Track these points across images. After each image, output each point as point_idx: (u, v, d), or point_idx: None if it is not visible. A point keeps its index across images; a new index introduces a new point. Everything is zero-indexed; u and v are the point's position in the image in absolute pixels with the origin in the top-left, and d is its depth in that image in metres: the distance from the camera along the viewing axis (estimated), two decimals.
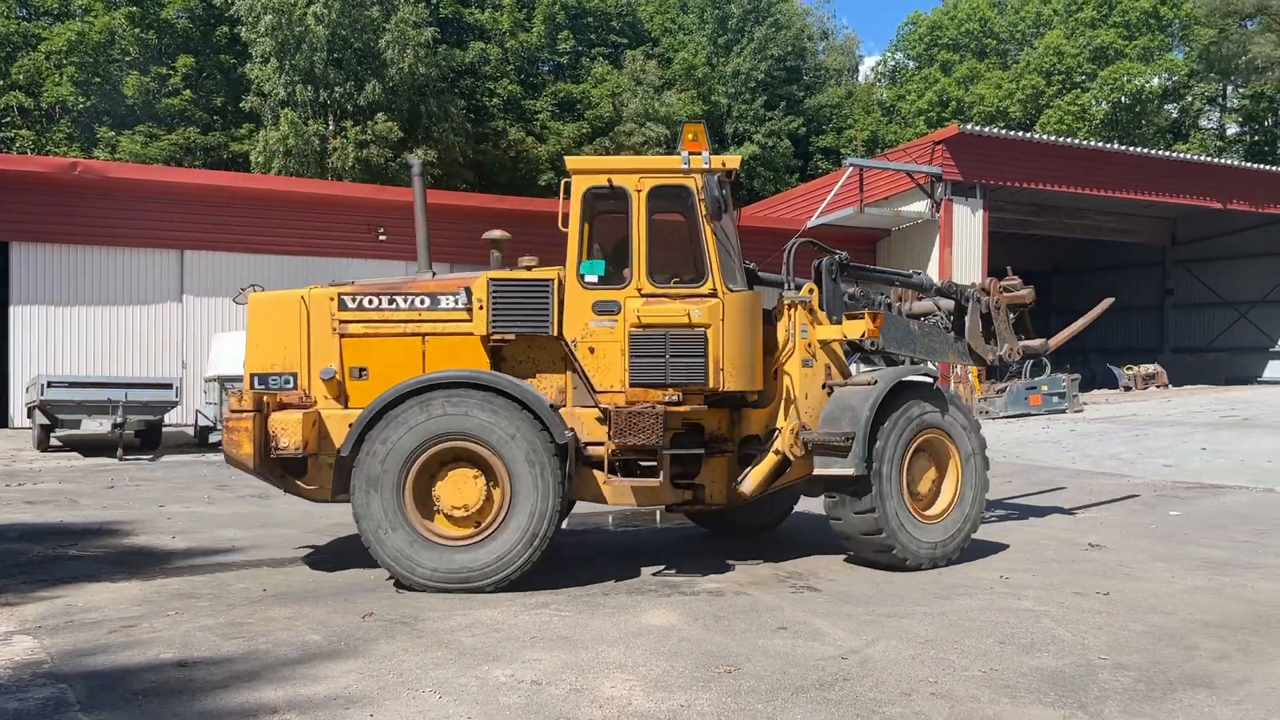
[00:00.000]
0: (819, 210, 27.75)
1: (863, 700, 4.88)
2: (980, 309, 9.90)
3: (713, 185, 7.38)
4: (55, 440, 17.89)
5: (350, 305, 7.56)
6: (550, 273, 7.60)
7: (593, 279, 7.51)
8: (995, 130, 30.28)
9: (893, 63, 59.25)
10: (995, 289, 10.07)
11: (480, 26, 43.47)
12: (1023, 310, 10.26)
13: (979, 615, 6.47)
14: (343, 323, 7.55)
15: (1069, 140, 31.16)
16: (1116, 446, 17.07)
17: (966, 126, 27.94)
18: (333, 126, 34.98)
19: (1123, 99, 44.35)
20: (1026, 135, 30.46)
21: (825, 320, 8.24)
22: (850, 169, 27.20)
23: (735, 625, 6.21)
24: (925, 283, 9.96)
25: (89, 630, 6.11)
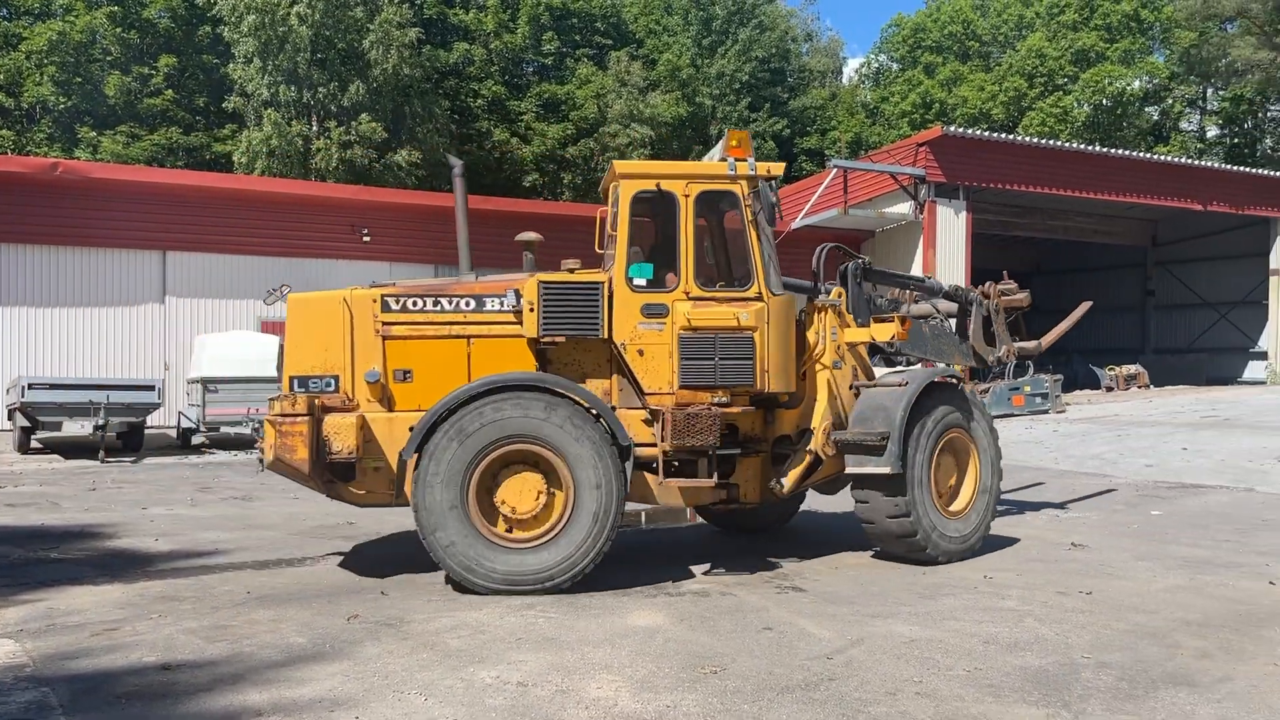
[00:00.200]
0: (803, 212, 27.82)
1: (848, 700, 4.90)
2: (982, 312, 10.28)
3: (767, 191, 7.67)
4: (36, 442, 17.76)
5: (394, 307, 7.47)
6: (600, 275, 7.63)
7: (641, 282, 7.60)
8: (978, 132, 30.47)
9: (876, 65, 59.49)
10: (994, 292, 10.42)
11: (464, 27, 43.40)
12: (1018, 313, 10.64)
13: (963, 615, 6.50)
14: (386, 324, 7.45)
15: (1051, 142, 31.36)
16: (1099, 447, 17.17)
17: (950, 128, 28.07)
18: (316, 127, 34.85)
19: (1104, 101, 44.64)
20: (1009, 137, 30.64)
21: (852, 323, 8.49)
22: (834, 171, 27.29)
23: (721, 626, 6.22)
24: (936, 286, 10.27)
25: (71, 634, 6.06)
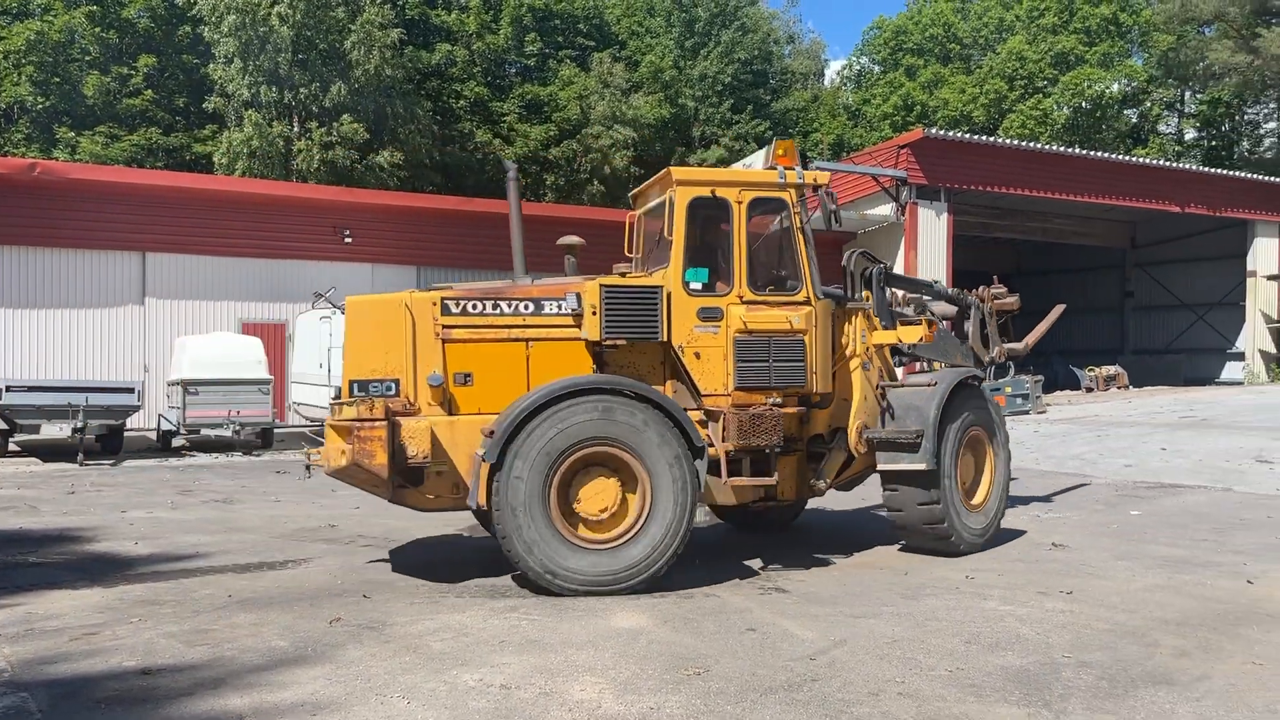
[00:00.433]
0: None
1: (831, 700, 4.92)
2: (979, 315, 10.74)
3: (829, 199, 8.08)
4: (14, 445, 17.59)
5: (454, 310, 7.49)
6: (658, 279, 7.78)
7: (697, 286, 7.78)
8: (959, 134, 30.60)
9: (858, 67, 59.71)
10: (988, 296, 10.93)
11: (447, 28, 43.26)
12: (1008, 316, 11.15)
13: (945, 615, 6.54)
14: (446, 328, 7.46)
15: (1031, 144, 31.57)
16: (1079, 447, 17.29)
17: (931, 130, 28.22)
18: (297, 128, 34.66)
19: (1083, 104, 44.93)
20: (990, 139, 30.83)
21: (879, 326, 8.84)
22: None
23: (704, 627, 6.23)
24: (942, 290, 10.65)
25: (50, 638, 6.02)
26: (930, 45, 52.92)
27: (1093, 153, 31.90)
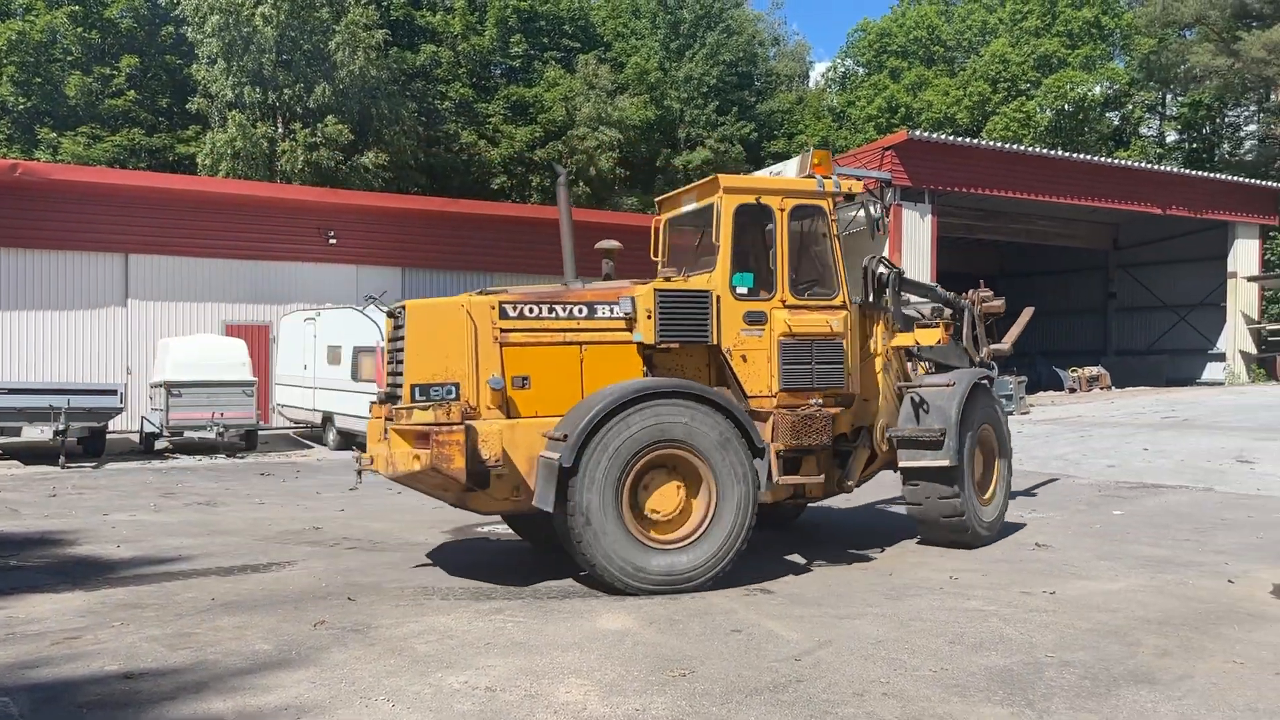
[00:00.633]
0: None
1: (816, 701, 4.93)
2: (969, 317, 10.99)
3: (873, 207, 8.45)
4: None
5: (511, 314, 7.50)
6: (706, 284, 7.93)
7: (743, 290, 7.99)
8: (943, 136, 30.71)
9: (842, 69, 59.82)
10: (976, 299, 11.22)
11: (432, 29, 43.16)
12: (993, 318, 11.44)
13: (929, 615, 6.56)
14: (504, 331, 7.47)
15: (1014, 147, 31.71)
16: (1062, 447, 17.38)
17: (915, 132, 28.32)
18: (282, 129, 34.52)
19: (1066, 106, 45.12)
20: (973, 141, 30.93)
21: (897, 329, 9.14)
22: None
23: (690, 628, 6.23)
24: (942, 294, 10.92)
25: (31, 642, 5.98)
26: (914, 48, 53.10)
27: (1075, 155, 32.05)
